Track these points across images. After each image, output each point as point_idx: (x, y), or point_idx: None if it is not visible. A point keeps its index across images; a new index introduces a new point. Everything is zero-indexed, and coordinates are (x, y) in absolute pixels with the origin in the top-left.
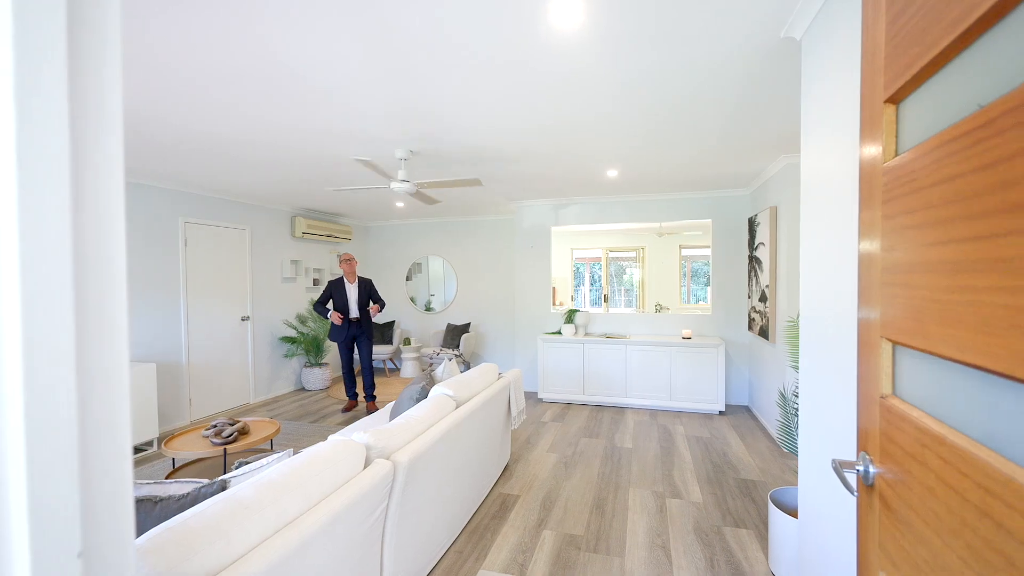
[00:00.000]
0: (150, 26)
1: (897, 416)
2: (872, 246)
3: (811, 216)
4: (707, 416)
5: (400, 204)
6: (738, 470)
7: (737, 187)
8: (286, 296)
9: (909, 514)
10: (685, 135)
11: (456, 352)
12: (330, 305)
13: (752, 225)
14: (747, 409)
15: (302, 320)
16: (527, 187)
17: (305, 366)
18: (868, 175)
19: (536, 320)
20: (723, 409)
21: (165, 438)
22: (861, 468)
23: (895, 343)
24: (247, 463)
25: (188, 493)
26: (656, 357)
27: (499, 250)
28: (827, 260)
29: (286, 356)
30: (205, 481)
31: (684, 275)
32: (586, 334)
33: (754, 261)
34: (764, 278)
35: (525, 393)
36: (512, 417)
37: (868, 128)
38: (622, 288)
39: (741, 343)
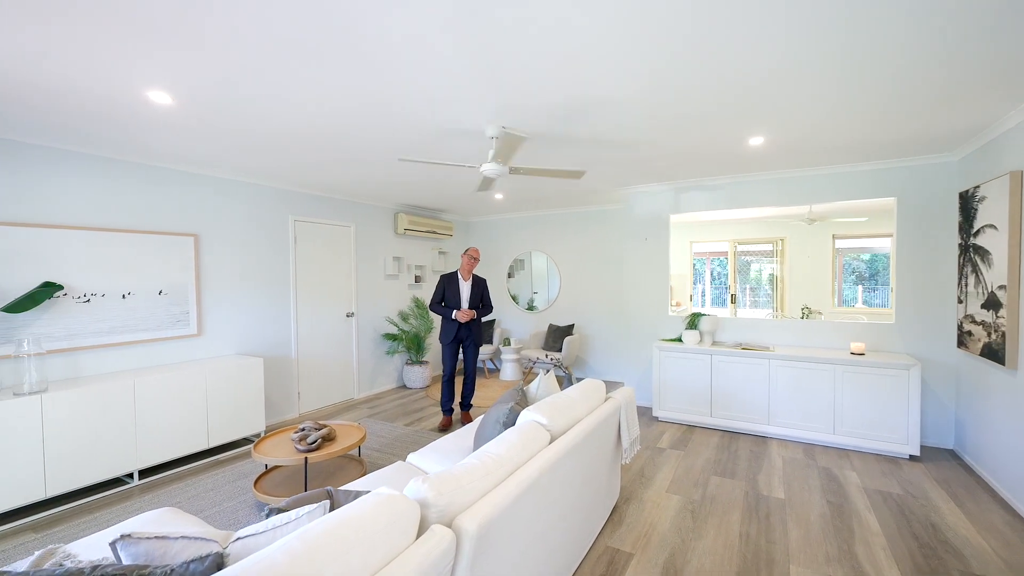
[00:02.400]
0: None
1: None
2: None
3: None
4: (891, 461)
5: (499, 196)
6: (964, 557)
7: (937, 151)
8: (389, 293)
9: None
10: (873, 75)
11: (555, 360)
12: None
13: (968, 202)
14: (952, 454)
15: (404, 317)
16: (642, 167)
17: (407, 364)
18: None
19: (650, 324)
20: (916, 453)
21: (269, 432)
22: None
23: None
24: (280, 510)
25: (174, 570)
26: (813, 377)
27: (607, 244)
28: None
29: (388, 353)
30: (207, 552)
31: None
32: (714, 343)
33: (972, 252)
34: (993, 276)
35: (637, 408)
36: (623, 449)
37: None
38: (747, 287)
39: (944, 364)
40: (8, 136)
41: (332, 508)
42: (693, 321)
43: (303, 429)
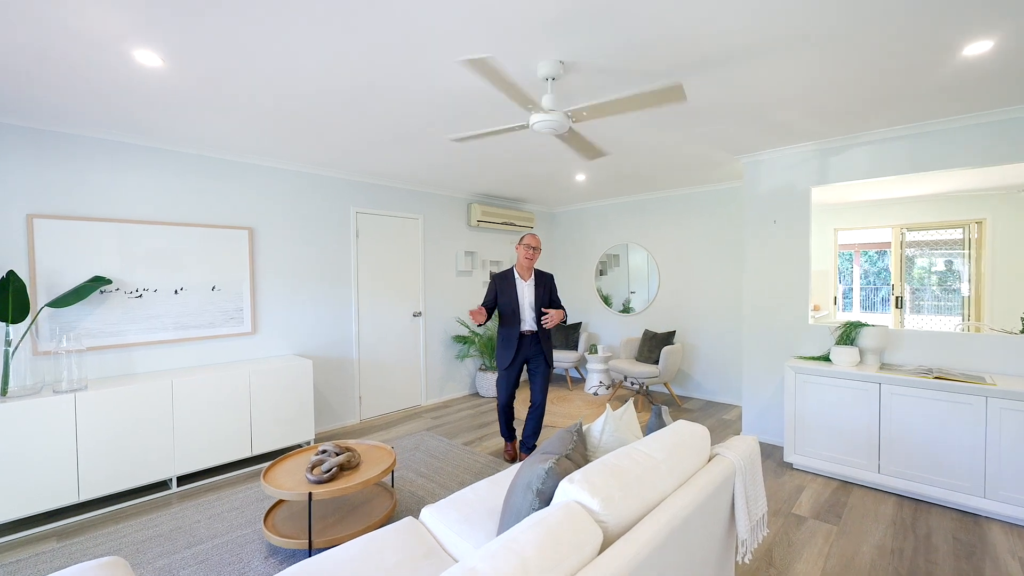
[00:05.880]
0: None
1: None
2: None
3: None
4: None
5: (580, 177)
6: None
7: None
8: (461, 291)
9: None
10: None
11: (639, 383)
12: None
13: None
14: None
15: None
16: (770, 119)
17: (479, 369)
18: None
19: (781, 335)
20: None
21: (319, 440)
22: None
23: None
24: None
25: None
26: None
27: (719, 232)
28: None
29: (458, 357)
30: None
31: None
32: (882, 366)
33: None
34: None
35: (761, 446)
36: (740, 540)
37: None
38: (908, 287)
39: None
40: (58, 129)
41: None
42: (849, 333)
43: (323, 452)
